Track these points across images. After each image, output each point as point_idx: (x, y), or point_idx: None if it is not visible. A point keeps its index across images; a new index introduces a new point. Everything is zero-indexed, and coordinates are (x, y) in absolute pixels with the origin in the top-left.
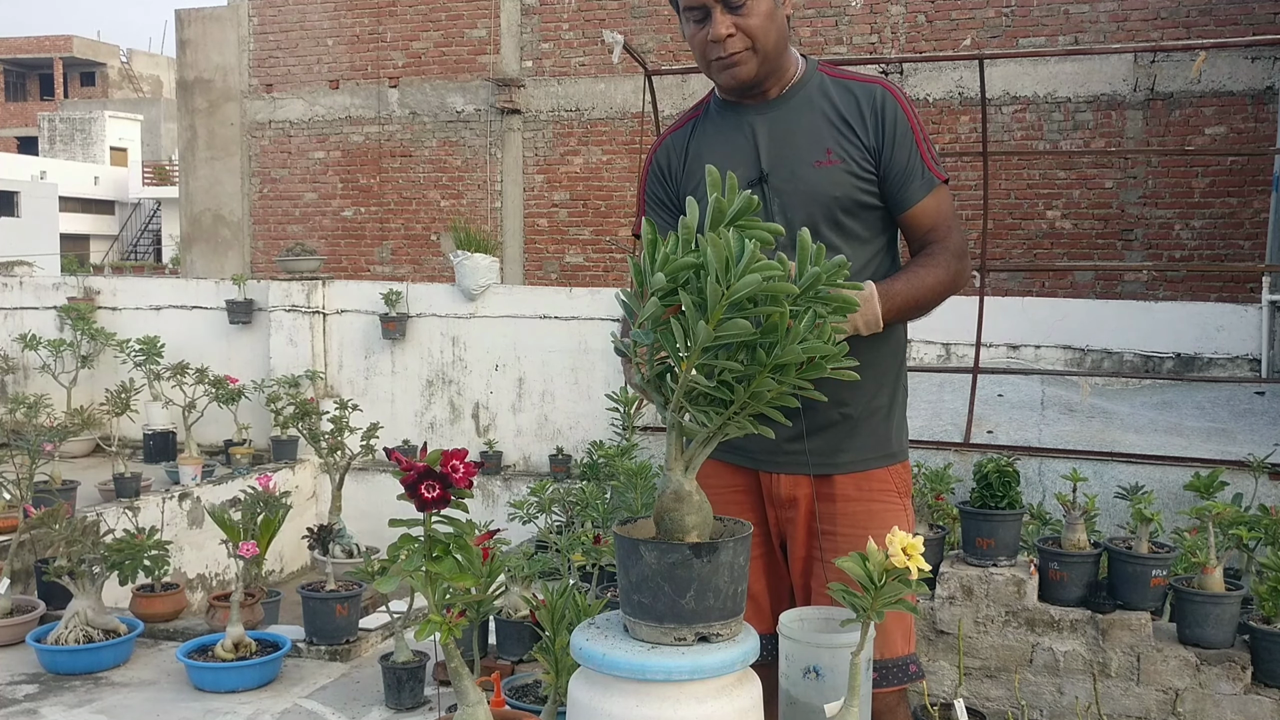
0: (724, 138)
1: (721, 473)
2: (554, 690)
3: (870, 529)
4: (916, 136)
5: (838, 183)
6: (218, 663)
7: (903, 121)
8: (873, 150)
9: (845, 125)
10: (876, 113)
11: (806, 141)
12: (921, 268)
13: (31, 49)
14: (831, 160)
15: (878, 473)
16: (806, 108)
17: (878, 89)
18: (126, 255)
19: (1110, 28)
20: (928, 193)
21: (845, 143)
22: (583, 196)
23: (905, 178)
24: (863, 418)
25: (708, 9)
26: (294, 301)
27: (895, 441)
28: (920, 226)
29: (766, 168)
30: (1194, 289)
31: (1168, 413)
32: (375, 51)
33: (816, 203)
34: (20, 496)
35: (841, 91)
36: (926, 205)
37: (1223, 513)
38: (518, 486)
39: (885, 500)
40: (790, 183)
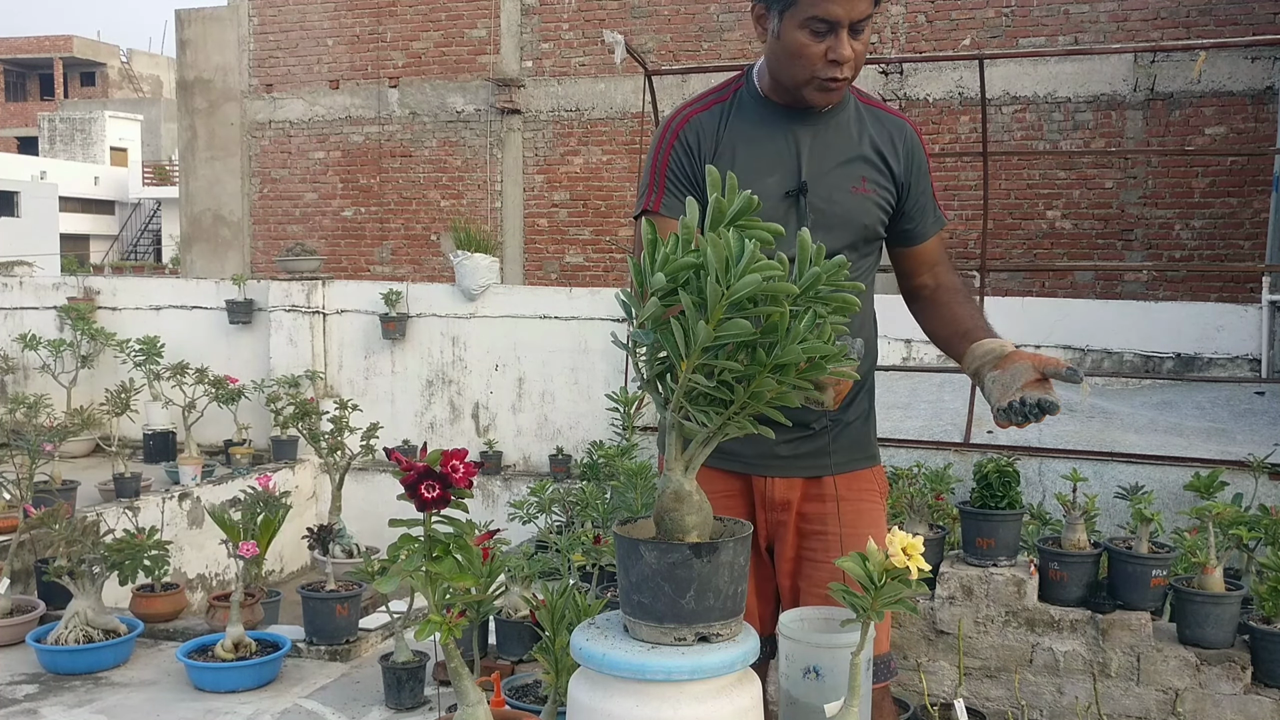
0: (764, 138)
1: (713, 479)
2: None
3: (859, 527)
4: (931, 176)
5: (868, 212)
6: (218, 663)
7: (924, 161)
8: (901, 185)
9: (879, 157)
10: (907, 149)
11: (845, 165)
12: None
13: (31, 49)
14: (865, 189)
15: (863, 473)
16: (846, 129)
17: (906, 126)
18: (126, 255)
19: (1110, 28)
20: (937, 231)
21: (878, 174)
22: (583, 196)
23: (922, 215)
24: (849, 421)
25: (837, 27)
26: (294, 301)
27: (873, 444)
28: (927, 261)
29: (807, 180)
30: (1194, 289)
31: (1168, 413)
32: (375, 51)
33: (848, 227)
34: (20, 496)
35: (874, 120)
36: (935, 242)
37: (1223, 513)
38: (518, 486)
39: (871, 500)
40: (827, 203)
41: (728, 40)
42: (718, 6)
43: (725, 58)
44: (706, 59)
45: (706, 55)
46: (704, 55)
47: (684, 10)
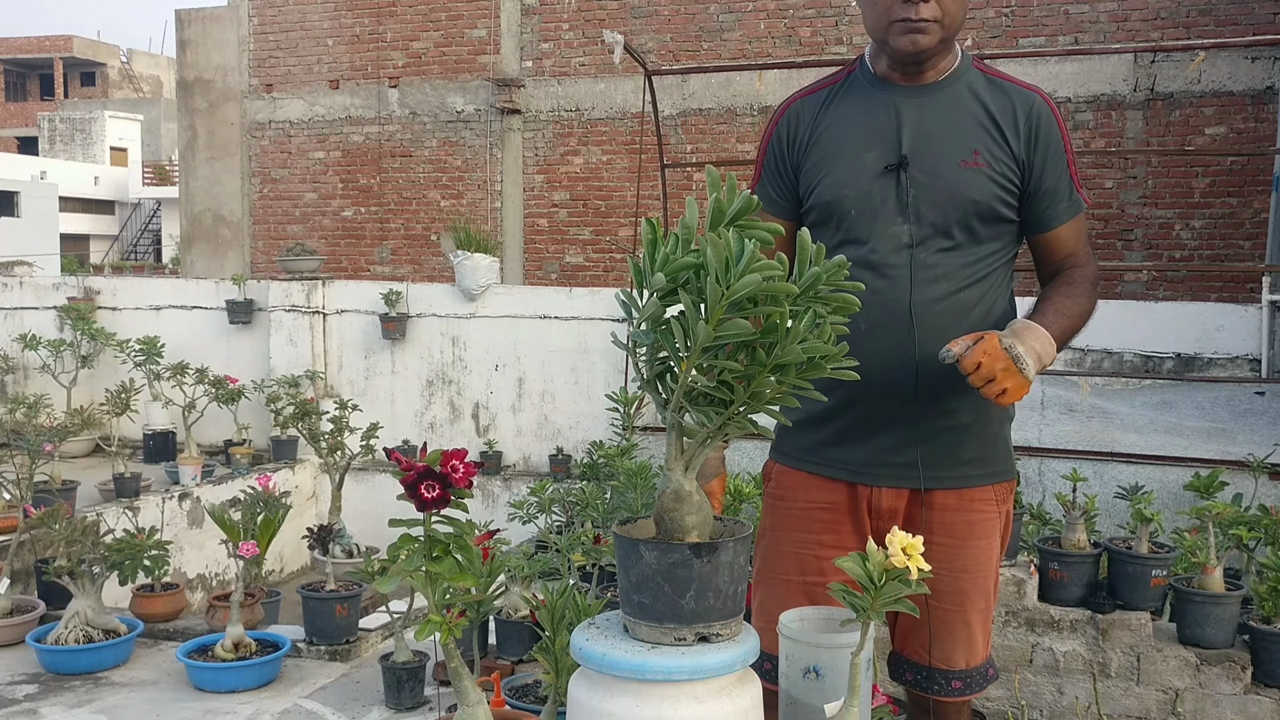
0: (865, 113)
1: (810, 487)
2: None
3: (968, 539)
4: (1068, 156)
5: (980, 187)
6: (218, 663)
7: (1057, 138)
8: (1022, 162)
9: (996, 129)
10: (1032, 124)
11: (954, 137)
12: (1070, 299)
13: (31, 49)
14: (978, 163)
15: (980, 490)
16: (959, 101)
17: (1036, 98)
18: (126, 255)
19: (1110, 28)
20: (1072, 217)
21: (995, 147)
22: (583, 196)
23: (1053, 198)
24: (970, 428)
25: None
26: (294, 301)
27: (1002, 458)
28: (1059, 251)
29: (908, 154)
30: (1194, 289)
31: (1168, 413)
32: (375, 51)
33: (954, 203)
34: (20, 496)
35: (996, 92)
36: (1068, 229)
37: (1223, 513)
38: (518, 486)
39: (983, 510)
40: (930, 177)
41: (728, 40)
42: (718, 6)
43: (725, 57)
44: (706, 59)
45: (706, 55)
46: (704, 55)
47: (684, 10)
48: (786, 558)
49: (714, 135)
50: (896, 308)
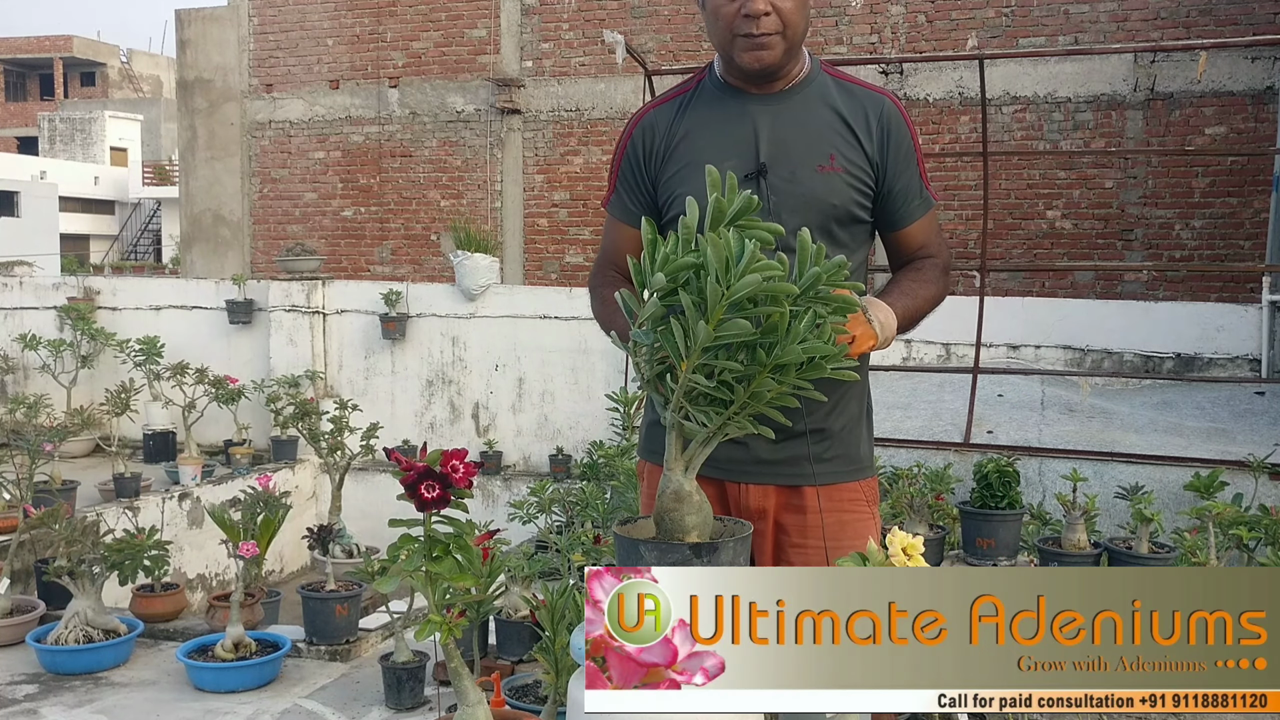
0: (720, 123)
1: None
2: (554, 690)
3: (843, 539)
4: (918, 155)
5: (838, 191)
6: (218, 663)
7: (907, 138)
8: (875, 164)
9: (850, 132)
10: (884, 126)
11: (810, 142)
12: (918, 283)
13: (31, 49)
14: (835, 167)
15: (850, 485)
16: (811, 106)
17: (885, 100)
18: (126, 255)
19: (1110, 28)
20: (924, 213)
21: (849, 150)
22: (583, 196)
23: (905, 197)
24: (833, 430)
25: None
26: (294, 301)
27: (865, 455)
28: (910, 246)
29: (766, 162)
30: (1194, 289)
31: (1168, 413)
32: (375, 51)
33: (813, 208)
34: (20, 496)
35: (846, 95)
36: (921, 225)
37: (1223, 513)
38: (518, 486)
39: (855, 510)
40: (789, 184)
41: None
42: None
43: None
44: (706, 59)
45: (706, 55)
46: (704, 55)
47: (684, 10)
48: None
49: None
50: None
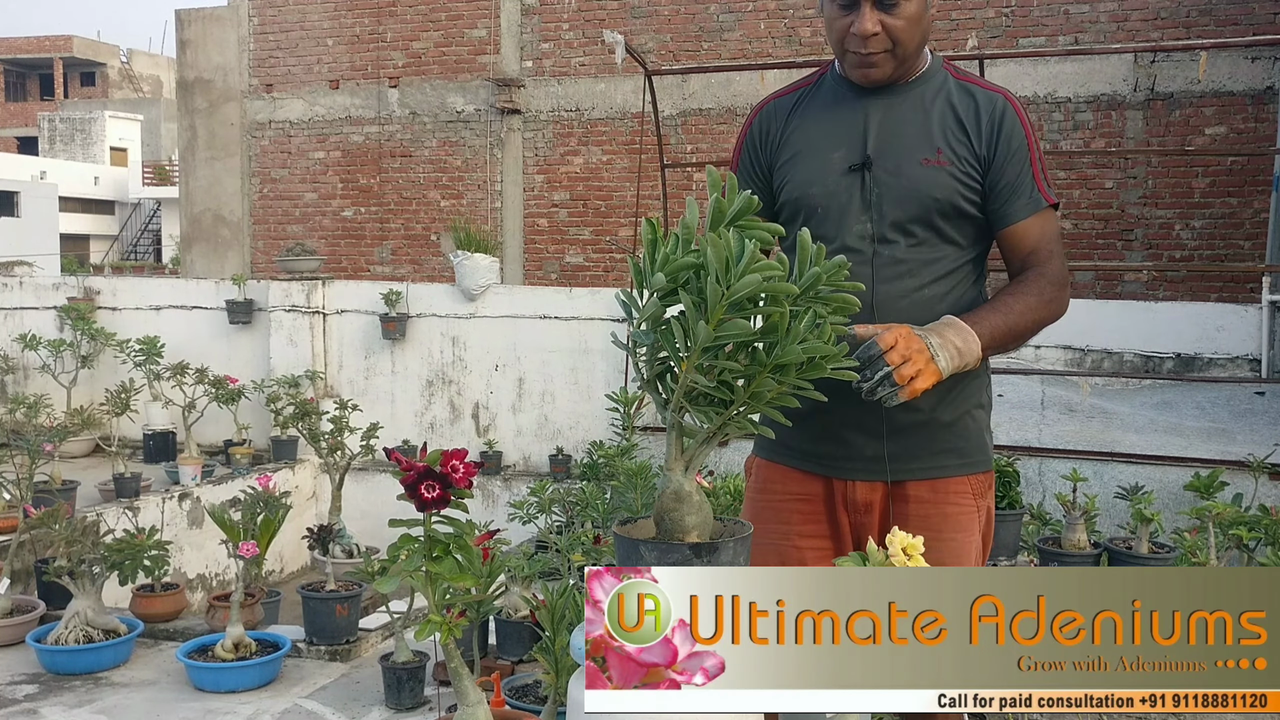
0: (833, 114)
1: (789, 479)
2: (554, 690)
3: (945, 532)
4: (1031, 154)
5: (941, 184)
6: (218, 663)
7: (1019, 135)
8: (982, 159)
9: (959, 127)
10: (994, 122)
11: (918, 136)
12: (1015, 296)
13: (31, 49)
14: (940, 160)
15: (955, 480)
16: (924, 102)
17: (999, 98)
18: (126, 255)
19: (1110, 28)
20: (1033, 213)
21: (958, 145)
22: (583, 196)
23: (1012, 193)
24: (941, 423)
25: (858, 1)
26: (294, 301)
27: (975, 449)
28: (1020, 247)
29: (872, 154)
30: (1194, 289)
31: (1168, 413)
32: (375, 51)
33: (916, 201)
34: (20, 496)
35: (962, 94)
36: (1030, 225)
37: (1223, 513)
38: (518, 486)
39: (960, 503)
40: (894, 176)
41: (728, 40)
42: (718, 6)
43: (725, 57)
44: (706, 59)
45: (706, 55)
46: (704, 55)
47: (684, 10)
48: (765, 549)
49: (714, 135)
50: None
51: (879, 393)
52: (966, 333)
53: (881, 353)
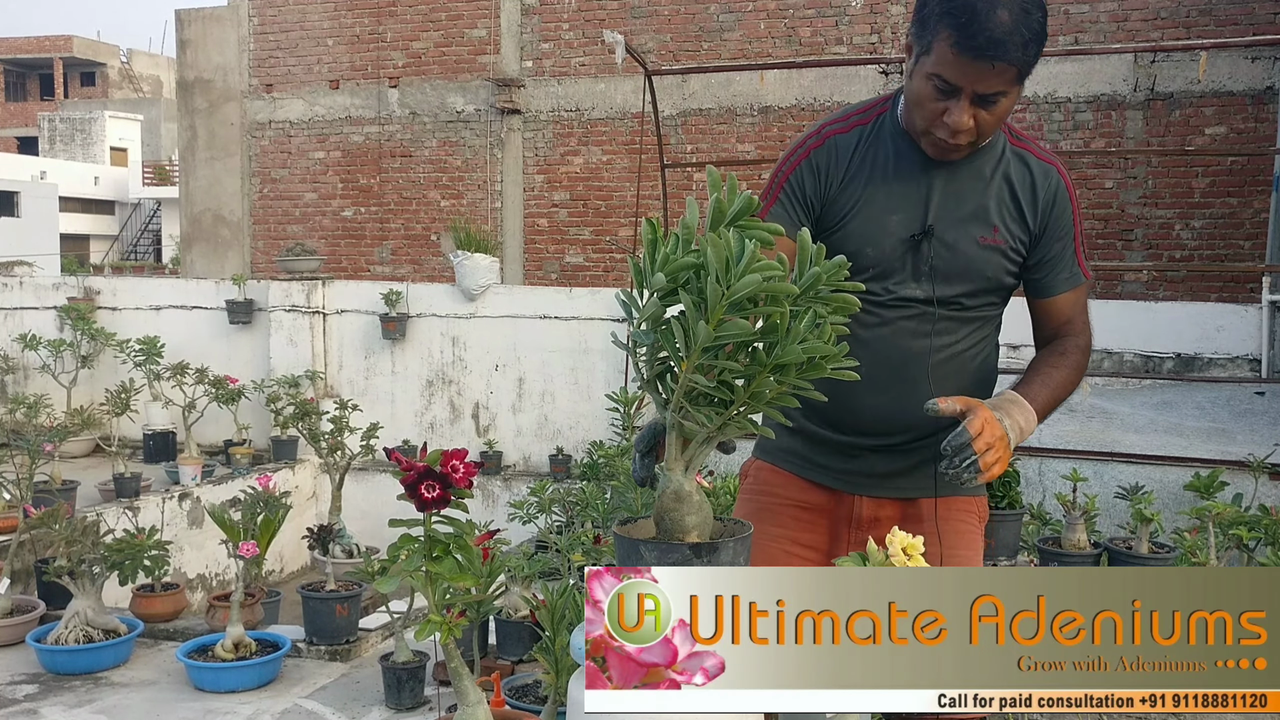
0: (896, 171)
1: (793, 486)
2: (554, 690)
3: (957, 549)
4: (1076, 229)
5: (994, 264)
6: (218, 663)
7: (1068, 213)
8: (1033, 236)
9: (1015, 205)
10: (1049, 200)
11: (978, 212)
12: (1058, 369)
13: (31, 49)
14: (996, 240)
15: (964, 499)
16: (986, 174)
17: (1054, 173)
18: (126, 255)
19: (1110, 28)
20: (1072, 287)
21: (1013, 223)
22: (583, 196)
23: (1054, 267)
24: None
25: (959, 92)
26: (294, 301)
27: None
28: (1056, 317)
29: (933, 224)
30: (1194, 289)
31: (1168, 413)
32: (375, 51)
33: (968, 277)
34: (20, 496)
35: (1019, 165)
36: (1068, 299)
37: (1223, 513)
38: (518, 486)
39: (966, 520)
40: (950, 250)
41: (728, 40)
42: (718, 6)
43: (725, 57)
44: (706, 59)
45: (706, 55)
46: (704, 55)
47: (684, 10)
48: (760, 550)
49: (714, 135)
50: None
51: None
52: (1029, 411)
53: (969, 441)
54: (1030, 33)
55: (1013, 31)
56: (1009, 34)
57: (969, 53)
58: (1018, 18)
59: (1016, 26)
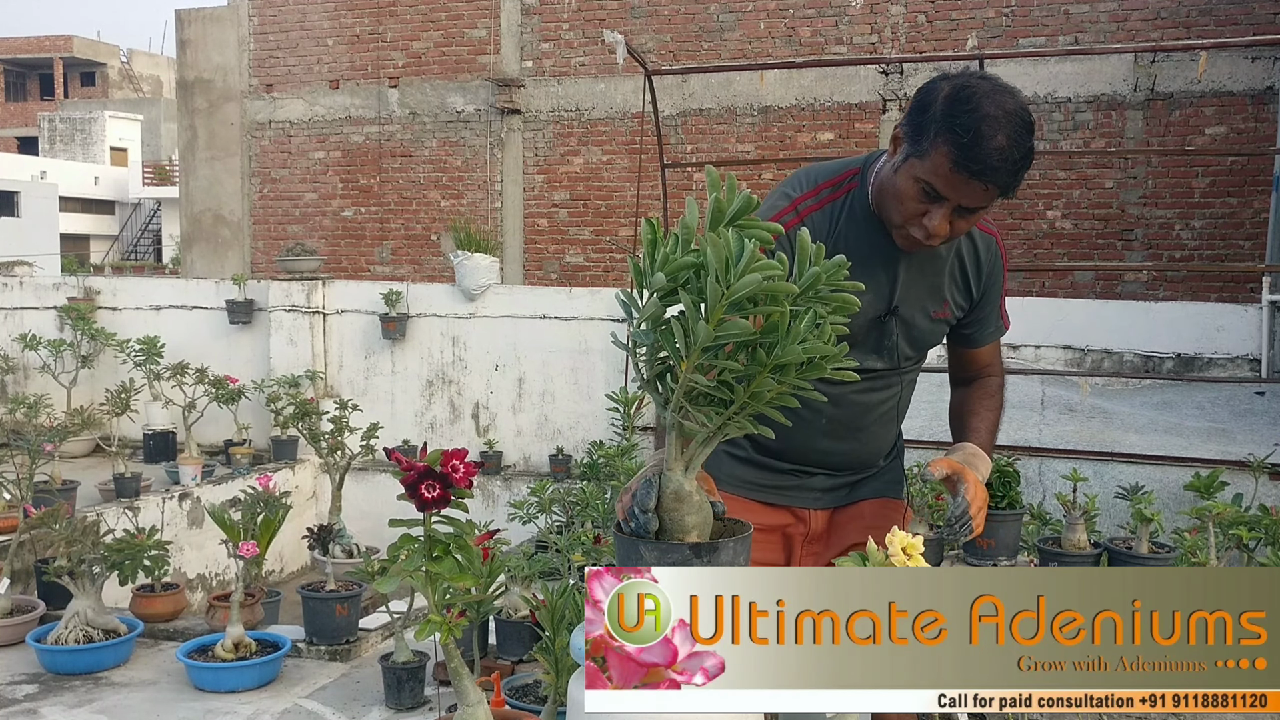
0: (867, 256)
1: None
2: (554, 690)
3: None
4: (1004, 289)
5: (939, 333)
6: (218, 663)
7: (1000, 275)
8: (973, 303)
9: (964, 278)
10: (990, 270)
11: (931, 289)
12: (993, 412)
13: (31, 49)
14: (945, 313)
15: (893, 501)
16: (942, 254)
17: (993, 243)
18: (126, 255)
19: (1110, 28)
20: (996, 339)
21: (959, 295)
22: (583, 196)
23: (984, 324)
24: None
25: (944, 201)
26: (294, 301)
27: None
28: (978, 362)
29: (898, 304)
30: (1194, 289)
31: (1168, 413)
32: (375, 51)
33: (918, 346)
34: (20, 496)
35: (967, 240)
36: (991, 348)
37: (1223, 513)
38: (518, 486)
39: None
40: (908, 326)
41: (728, 40)
42: (718, 6)
43: (725, 57)
44: (706, 59)
45: (706, 55)
46: (704, 55)
47: (684, 10)
48: None
49: (714, 135)
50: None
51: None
52: (988, 462)
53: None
54: (1022, 158)
55: (1008, 157)
56: (1005, 159)
57: (964, 172)
58: (1014, 143)
59: (1011, 152)
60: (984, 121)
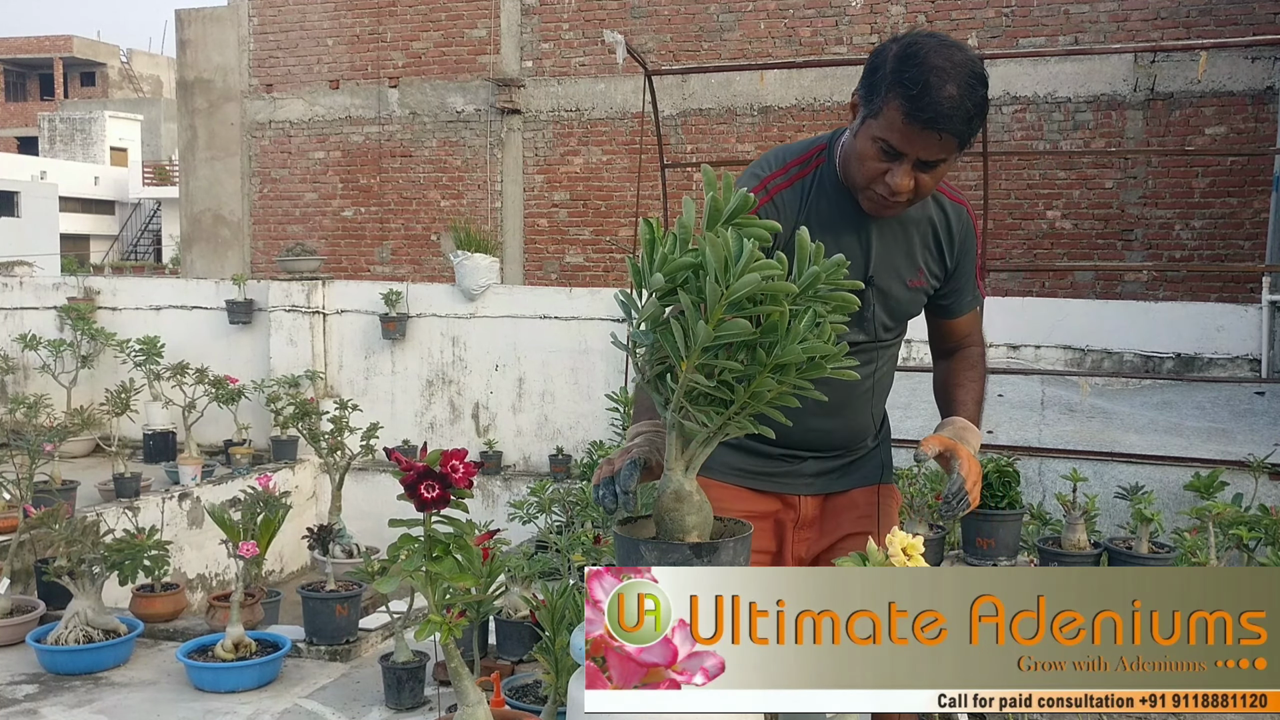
0: (839, 228)
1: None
2: (554, 690)
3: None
4: (979, 259)
5: (917, 303)
6: (218, 663)
7: (974, 245)
8: (947, 270)
9: (936, 247)
10: (963, 238)
11: (908, 257)
12: (977, 382)
13: (31, 49)
14: (920, 281)
15: (884, 486)
16: (915, 222)
17: (964, 212)
18: (126, 255)
19: (1110, 28)
20: (974, 308)
21: (933, 264)
22: (583, 196)
23: (961, 294)
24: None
25: (903, 156)
26: (294, 301)
27: (890, 464)
28: (958, 333)
29: (873, 275)
30: (1194, 289)
31: (1168, 413)
32: (375, 51)
33: (896, 317)
34: (20, 496)
35: (937, 209)
36: (970, 317)
37: (1223, 513)
38: (518, 486)
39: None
40: (884, 296)
41: (728, 40)
42: (718, 6)
43: (725, 57)
44: (706, 59)
45: (706, 55)
46: (704, 55)
47: (684, 10)
48: None
49: (714, 135)
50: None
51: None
52: (979, 434)
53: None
54: (975, 107)
55: (959, 106)
56: (956, 108)
57: (917, 123)
58: (964, 93)
59: (963, 101)
60: (932, 73)
